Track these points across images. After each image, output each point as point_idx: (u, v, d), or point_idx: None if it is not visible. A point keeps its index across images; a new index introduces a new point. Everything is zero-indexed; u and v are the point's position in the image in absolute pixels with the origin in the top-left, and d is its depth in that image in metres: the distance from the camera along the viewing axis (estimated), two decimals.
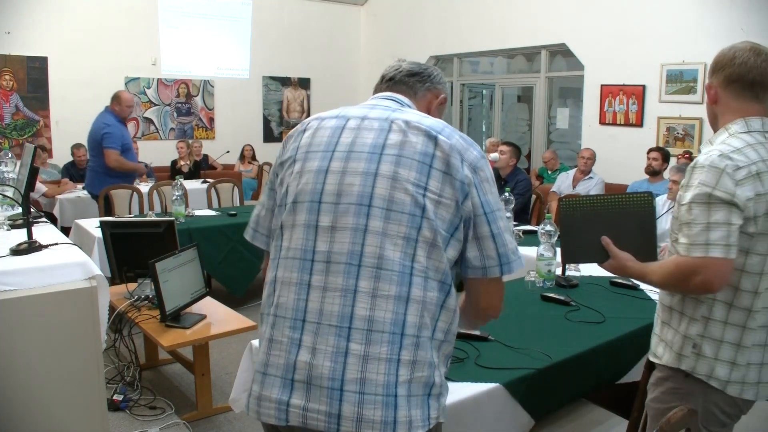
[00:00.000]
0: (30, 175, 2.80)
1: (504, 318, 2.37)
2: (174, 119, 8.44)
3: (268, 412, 1.25)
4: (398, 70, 1.50)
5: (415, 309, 1.23)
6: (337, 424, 1.19)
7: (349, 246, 1.25)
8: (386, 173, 1.27)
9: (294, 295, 1.27)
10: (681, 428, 1.27)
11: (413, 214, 1.24)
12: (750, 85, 1.56)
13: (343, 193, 1.28)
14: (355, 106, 1.41)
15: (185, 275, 3.05)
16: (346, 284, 1.23)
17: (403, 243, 1.24)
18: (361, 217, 1.25)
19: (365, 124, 1.34)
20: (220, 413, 3.07)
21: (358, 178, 1.28)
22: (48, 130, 7.41)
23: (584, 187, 5.81)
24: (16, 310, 2.13)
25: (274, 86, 9.27)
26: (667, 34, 6.05)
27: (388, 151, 1.29)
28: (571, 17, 6.89)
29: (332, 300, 1.23)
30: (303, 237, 1.29)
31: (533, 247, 3.06)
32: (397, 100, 1.44)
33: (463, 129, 8.84)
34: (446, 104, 1.58)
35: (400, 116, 1.34)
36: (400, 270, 1.23)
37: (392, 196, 1.25)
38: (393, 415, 1.18)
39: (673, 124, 6.15)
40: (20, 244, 2.38)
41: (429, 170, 1.27)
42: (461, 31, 8.13)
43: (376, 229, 1.24)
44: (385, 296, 1.22)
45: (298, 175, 1.34)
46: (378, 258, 1.23)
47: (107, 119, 5.10)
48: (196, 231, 4.32)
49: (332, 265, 1.25)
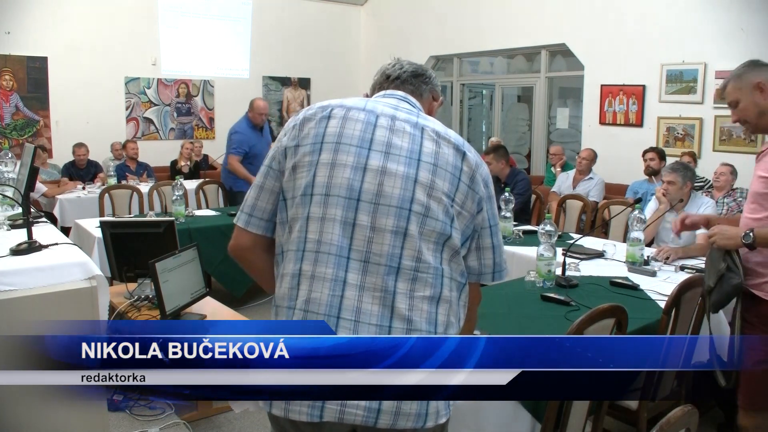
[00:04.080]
0: (30, 175, 2.81)
1: (504, 318, 2.38)
2: (174, 119, 8.44)
3: (299, 409, 1.28)
4: (403, 70, 1.51)
5: (444, 309, 1.33)
6: (376, 417, 1.25)
7: (389, 248, 1.29)
8: (425, 181, 1.32)
9: (329, 291, 1.28)
10: (681, 428, 1.27)
11: (444, 222, 1.32)
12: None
13: (383, 194, 1.30)
14: (375, 100, 1.42)
15: (185, 275, 3.05)
16: (386, 285, 1.28)
17: (434, 247, 1.32)
18: (401, 220, 1.30)
19: (397, 125, 1.36)
20: (220, 413, 3.07)
21: (399, 181, 1.31)
22: (48, 130, 7.41)
23: (584, 187, 5.80)
24: (16, 310, 2.13)
25: (274, 86, 9.26)
26: (667, 34, 6.05)
27: (425, 159, 1.34)
28: (571, 17, 6.89)
29: (370, 300, 1.28)
30: (338, 233, 1.30)
31: (533, 247, 3.06)
32: (412, 103, 1.46)
33: (463, 129, 8.84)
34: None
35: (427, 124, 1.39)
36: (434, 273, 1.31)
37: (429, 203, 1.31)
38: (426, 408, 1.28)
39: (673, 124, 6.15)
40: (20, 244, 2.38)
41: (458, 183, 1.34)
42: (461, 31, 8.12)
43: (414, 233, 1.30)
44: (421, 297, 1.30)
45: (326, 166, 1.32)
46: (416, 261, 1.30)
47: (240, 125, 5.41)
48: (196, 231, 4.33)
49: (371, 266, 1.29)
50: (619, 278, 2.90)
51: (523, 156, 8.14)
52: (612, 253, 3.44)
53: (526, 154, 8.09)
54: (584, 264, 3.16)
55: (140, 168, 7.02)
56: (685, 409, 1.29)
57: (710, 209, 3.54)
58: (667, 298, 2.33)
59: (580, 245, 3.41)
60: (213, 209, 5.36)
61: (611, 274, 2.98)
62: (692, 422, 1.31)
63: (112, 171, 6.41)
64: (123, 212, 5.31)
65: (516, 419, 1.83)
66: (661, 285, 2.77)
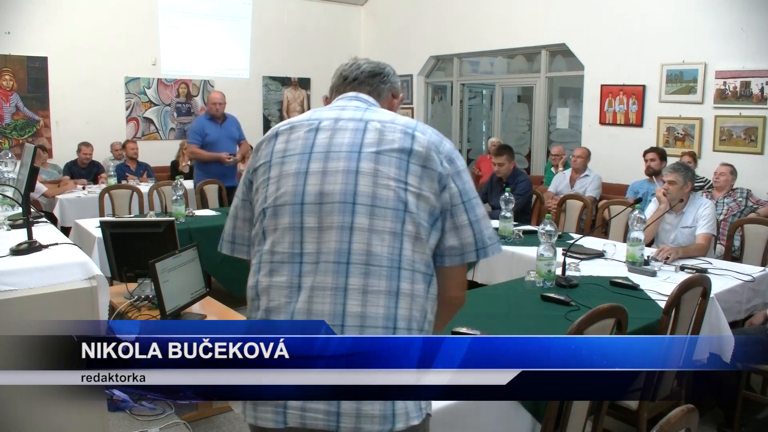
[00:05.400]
0: (30, 175, 2.81)
1: (504, 318, 2.38)
2: (174, 119, 8.43)
3: (265, 416, 1.27)
4: (360, 71, 1.52)
5: (406, 303, 1.26)
6: (337, 421, 1.21)
7: (337, 245, 1.26)
8: (367, 170, 1.29)
9: (285, 298, 1.28)
10: (681, 428, 1.27)
11: (397, 209, 1.27)
12: None
13: (326, 192, 1.29)
14: (325, 108, 1.44)
15: (185, 275, 3.05)
16: (336, 283, 1.25)
17: (389, 238, 1.27)
18: (346, 215, 1.27)
19: (340, 125, 1.36)
20: (220, 413, 3.07)
21: (340, 176, 1.29)
22: (48, 130, 7.41)
23: (581, 185, 5.81)
24: (16, 310, 2.13)
25: (274, 86, 9.26)
26: (667, 34, 6.05)
27: (367, 149, 1.31)
28: (571, 17, 6.89)
29: (322, 299, 1.25)
30: (289, 240, 1.30)
31: (533, 247, 3.06)
32: (363, 100, 1.45)
33: (463, 129, 8.84)
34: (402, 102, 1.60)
35: (373, 116, 1.37)
36: (388, 265, 1.26)
37: (375, 192, 1.28)
38: (391, 408, 1.22)
39: (673, 124, 6.15)
40: (20, 244, 2.38)
41: (407, 165, 1.30)
42: (461, 31, 8.12)
43: (363, 226, 1.26)
44: (376, 292, 1.25)
45: (276, 180, 1.34)
46: (366, 254, 1.25)
47: (197, 117, 5.85)
48: (196, 231, 4.33)
49: (321, 265, 1.27)
50: (619, 278, 2.90)
51: (523, 156, 8.13)
52: (612, 253, 3.44)
53: (526, 154, 8.09)
54: (584, 264, 3.16)
55: (140, 168, 7.02)
56: (685, 409, 1.29)
57: (709, 210, 3.54)
58: (667, 298, 2.33)
59: (580, 245, 3.41)
60: (213, 209, 5.36)
61: (611, 274, 2.98)
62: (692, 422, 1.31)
63: (112, 171, 6.42)
64: (123, 212, 5.31)
65: (516, 419, 1.83)
66: (661, 285, 2.77)
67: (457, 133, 8.79)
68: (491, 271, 3.71)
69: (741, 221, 4.15)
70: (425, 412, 1.29)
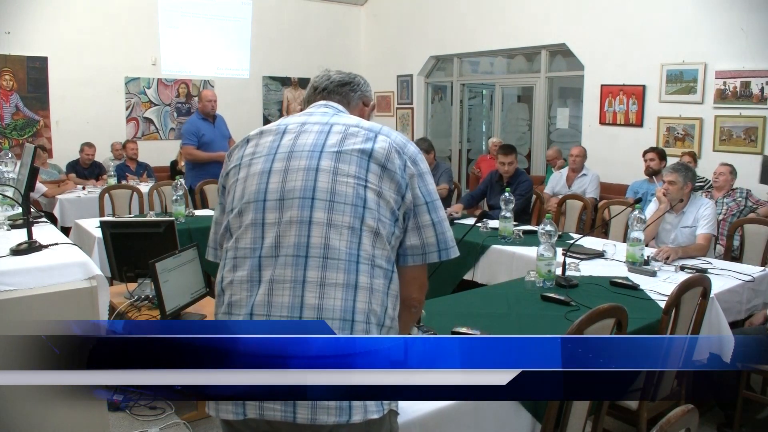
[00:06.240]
0: (30, 175, 2.80)
1: (504, 318, 2.38)
2: (174, 119, 8.44)
3: (226, 408, 1.30)
4: (330, 81, 1.56)
5: (364, 296, 1.28)
6: (293, 412, 1.24)
7: (296, 238, 1.29)
8: (327, 167, 1.33)
9: (246, 292, 1.31)
10: (681, 428, 1.27)
11: (356, 205, 1.30)
12: None
13: (287, 189, 1.33)
14: (294, 115, 1.49)
15: (185, 275, 3.05)
16: (295, 275, 1.28)
17: (348, 232, 1.29)
18: (305, 209, 1.30)
19: (305, 128, 1.41)
20: None
21: (300, 173, 1.33)
22: (48, 130, 7.41)
23: (579, 184, 5.80)
24: (16, 310, 2.13)
25: (274, 86, 9.26)
26: (667, 34, 6.05)
27: (328, 149, 1.35)
28: (571, 17, 6.89)
29: (281, 292, 1.28)
30: (251, 236, 1.33)
31: (533, 247, 3.06)
32: (332, 107, 1.50)
33: (463, 129, 8.84)
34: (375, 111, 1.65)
35: (338, 120, 1.42)
36: (346, 258, 1.28)
37: (334, 188, 1.31)
38: (347, 401, 1.24)
39: (673, 124, 6.15)
40: (20, 244, 2.38)
41: (368, 164, 1.33)
42: (461, 31, 8.12)
43: (321, 220, 1.29)
44: (333, 284, 1.27)
45: (243, 181, 1.38)
46: (324, 248, 1.28)
47: (190, 117, 5.66)
48: (196, 231, 4.32)
49: (280, 258, 1.29)
50: (619, 278, 2.90)
51: (523, 156, 8.13)
52: (612, 253, 3.44)
53: (526, 154, 8.09)
54: (584, 264, 3.16)
55: (140, 168, 7.03)
56: (685, 409, 1.30)
57: (710, 210, 3.54)
58: (667, 298, 2.33)
59: (580, 245, 3.41)
60: (213, 209, 5.36)
61: (611, 274, 2.98)
62: (692, 422, 1.31)
63: (112, 171, 6.43)
64: (123, 212, 5.31)
65: (516, 419, 1.83)
66: (661, 285, 2.77)
67: (457, 133, 8.79)
68: (491, 271, 3.71)
69: (741, 221, 4.15)
70: (388, 407, 1.29)
